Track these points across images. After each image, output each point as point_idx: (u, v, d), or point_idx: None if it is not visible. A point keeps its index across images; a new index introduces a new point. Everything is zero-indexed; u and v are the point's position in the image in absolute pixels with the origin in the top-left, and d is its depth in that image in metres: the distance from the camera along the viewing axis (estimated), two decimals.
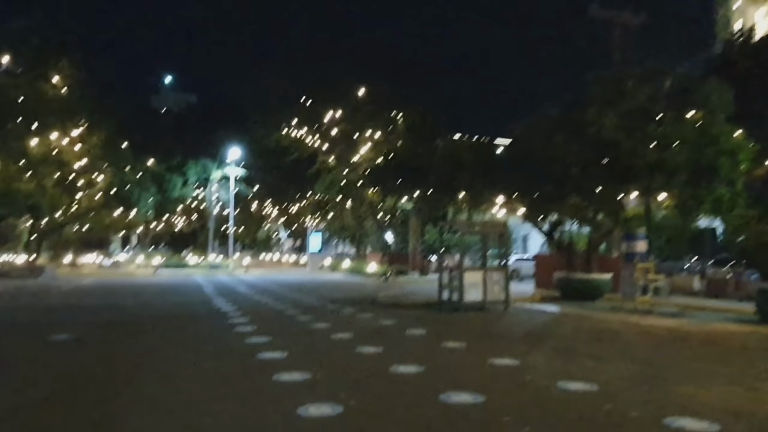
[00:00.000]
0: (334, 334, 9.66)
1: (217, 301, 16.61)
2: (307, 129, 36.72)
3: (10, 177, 26.03)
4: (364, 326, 11.08)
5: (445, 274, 14.24)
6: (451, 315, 12.97)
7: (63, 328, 10.50)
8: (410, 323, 11.34)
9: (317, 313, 13.19)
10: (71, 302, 16.65)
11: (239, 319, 11.89)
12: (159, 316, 12.87)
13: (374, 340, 9.05)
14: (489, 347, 8.61)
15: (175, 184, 37.95)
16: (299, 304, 15.34)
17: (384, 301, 15.85)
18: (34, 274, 29.60)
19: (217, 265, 38.66)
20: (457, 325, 11.34)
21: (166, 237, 70.19)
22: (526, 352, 8.06)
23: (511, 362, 7.29)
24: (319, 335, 9.80)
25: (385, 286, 24.22)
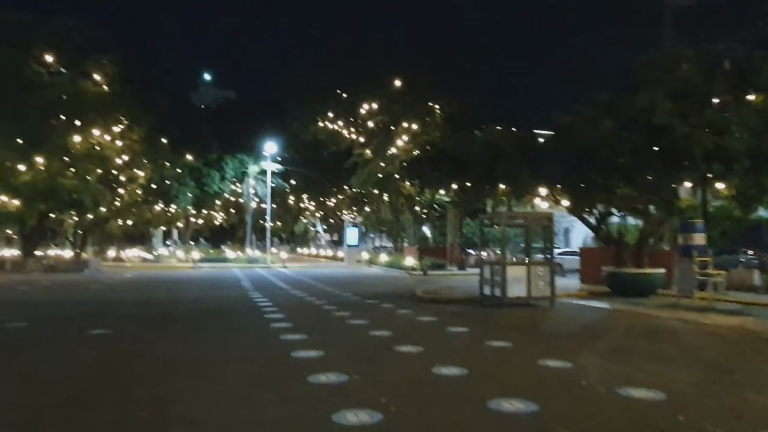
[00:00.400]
0: (372, 332, 9.24)
1: (254, 295, 16.45)
2: (343, 122, 36.48)
3: (54, 173, 26.60)
4: (403, 323, 10.64)
5: (486, 269, 13.65)
6: (493, 311, 12.39)
7: (101, 323, 10.43)
8: (451, 320, 10.84)
9: (355, 308, 12.82)
10: (112, 296, 16.78)
11: (275, 314, 11.62)
12: (195, 311, 12.72)
13: (414, 338, 8.59)
14: (537, 347, 8.03)
15: (213, 179, 38.29)
16: (336, 299, 15.02)
17: (423, 296, 15.36)
18: (80, 268, 30.33)
19: (255, 259, 38.90)
20: (500, 322, 10.77)
21: (206, 232, 71.47)
22: (578, 352, 7.46)
23: (563, 364, 6.71)
24: (357, 333, 9.40)
25: (424, 281, 23.73)
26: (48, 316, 11.96)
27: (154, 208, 38.08)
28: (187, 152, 34.77)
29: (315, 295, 16.54)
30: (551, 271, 13.08)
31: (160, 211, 39.17)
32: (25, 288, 19.59)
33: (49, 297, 16.47)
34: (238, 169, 41.77)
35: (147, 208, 37.82)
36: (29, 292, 17.93)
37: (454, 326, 9.84)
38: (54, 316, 11.98)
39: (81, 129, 27.24)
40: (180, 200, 35.03)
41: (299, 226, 67.67)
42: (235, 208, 50.19)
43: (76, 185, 27.34)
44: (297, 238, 74.72)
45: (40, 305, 14.19)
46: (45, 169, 26.17)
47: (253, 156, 42.34)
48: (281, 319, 10.90)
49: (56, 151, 26.17)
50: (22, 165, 25.96)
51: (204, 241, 70.99)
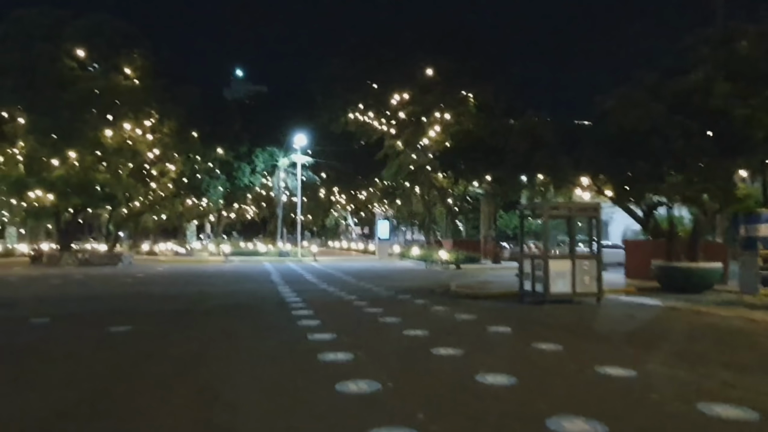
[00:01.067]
0: (406, 331, 8.55)
1: (283, 290, 15.95)
2: (373, 113, 35.78)
3: (86, 167, 26.70)
4: (439, 321, 9.91)
5: (526, 263, 12.80)
6: (535, 308, 11.55)
7: (125, 318, 10.05)
8: (491, 318, 10.06)
9: (387, 304, 12.15)
10: (140, 290, 16.52)
11: (304, 311, 11.03)
12: (220, 307, 12.25)
13: (452, 339, 7.86)
14: (591, 351, 7.21)
15: (244, 172, 38.16)
16: (367, 295, 14.39)
17: (458, 292, 14.60)
18: (113, 262, 30.52)
19: (286, 252, 38.65)
20: (545, 321, 9.94)
21: (238, 225, 71.99)
22: (640, 358, 6.61)
23: (625, 373, 5.89)
24: (390, 332, 8.72)
25: (458, 275, 22.95)
26: (72, 311, 11.64)
27: (186, 202, 38.16)
28: (218, 145, 34.65)
29: (345, 290, 15.95)
30: (598, 266, 12.14)
31: (191, 204, 39.23)
32: (58, 282, 19.58)
33: (78, 291, 16.30)
34: (269, 162, 41.55)
35: (179, 201, 37.93)
36: (60, 286, 17.84)
37: (495, 325, 9.06)
38: (78, 311, 11.65)
39: (113, 123, 27.26)
40: (211, 194, 34.98)
41: (330, 219, 67.43)
42: (266, 201, 50.12)
43: (109, 179, 27.42)
44: (328, 232, 74.58)
45: (67, 300, 13.96)
46: (78, 163, 26.27)
47: (284, 149, 42.07)
48: (310, 316, 10.31)
49: (89, 145, 26.25)
50: (56, 159, 26.11)
51: (236, 234, 71.52)
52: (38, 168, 26.21)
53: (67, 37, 27.61)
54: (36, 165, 26.14)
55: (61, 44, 27.32)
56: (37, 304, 12.88)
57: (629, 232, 38.39)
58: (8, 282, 19.92)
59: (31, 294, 15.51)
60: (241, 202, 45.99)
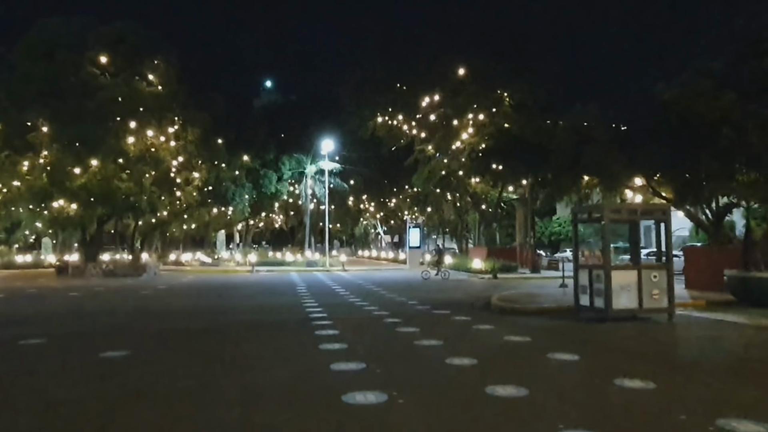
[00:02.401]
0: (449, 359, 7.07)
1: (309, 304, 14.64)
2: (403, 116, 34.45)
3: (109, 176, 26.02)
4: (486, 345, 8.40)
5: (583, 274, 11.18)
6: (597, 328, 9.93)
7: (128, 339, 8.93)
8: (548, 341, 8.51)
9: (423, 322, 10.69)
10: (157, 304, 15.44)
11: (329, 330, 9.66)
12: (237, 324, 10.97)
13: (509, 371, 6.37)
14: (698, 393, 5.62)
15: (270, 180, 37.19)
16: (400, 310, 12.95)
17: (502, 306, 13.03)
18: (138, 273, 29.78)
19: (314, 262, 37.48)
20: (616, 345, 8.34)
21: (267, 234, 71.47)
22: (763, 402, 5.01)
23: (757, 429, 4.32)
24: (430, 361, 7.27)
25: (495, 285, 21.34)
26: (74, 330, 10.52)
27: (212, 211, 37.41)
28: (244, 153, 33.79)
29: (376, 303, 14.54)
30: (669, 277, 10.46)
31: (218, 213, 38.47)
32: (75, 294, 18.71)
33: (91, 305, 15.29)
34: (296, 169, 40.56)
35: (205, 210, 37.18)
36: (75, 300, 16.92)
37: (557, 351, 7.51)
38: (81, 329, 10.52)
39: (136, 130, 26.57)
40: (237, 202, 34.09)
41: (359, 227, 66.25)
42: (294, 210, 49.20)
43: (132, 188, 26.69)
44: (357, 240, 73.43)
45: (76, 315, 12.91)
46: (100, 172, 25.61)
47: (311, 156, 41.02)
48: (335, 337, 8.93)
49: (111, 153, 25.58)
50: (78, 168, 25.50)
51: (265, 244, 70.98)
52: (61, 177, 25.64)
53: (90, 44, 27.12)
54: (59, 174, 25.59)
55: (85, 52, 26.82)
56: (42, 321, 11.84)
57: (677, 239, 36.12)
58: (25, 295, 19.15)
59: (42, 308, 14.55)
60: (268, 211, 45.09)
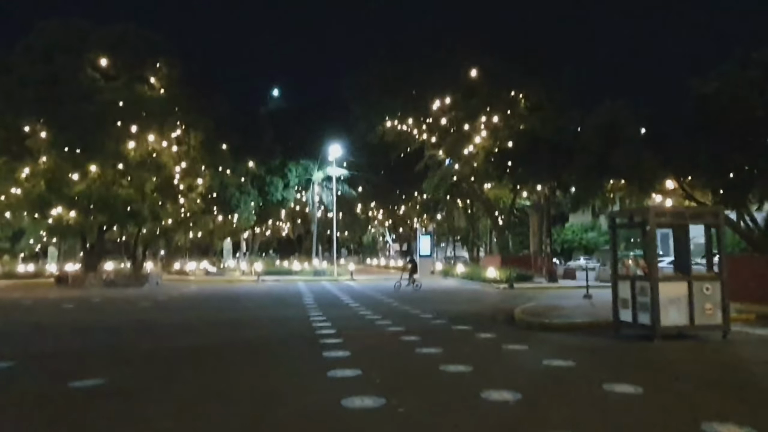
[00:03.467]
0: (485, 391, 5.84)
1: (315, 317, 13.46)
2: (412, 120, 33.33)
3: (108, 182, 25.03)
4: (525, 371, 7.17)
5: (623, 286, 9.94)
6: (646, 348, 8.68)
7: (108, 363, 7.83)
8: (596, 366, 7.29)
9: (444, 340, 9.47)
10: (152, 318, 14.32)
11: (338, 351, 8.46)
12: (236, 343, 9.81)
13: (562, 411, 5.15)
14: None
15: (276, 187, 36.11)
16: (416, 325, 11.74)
17: (529, 321, 11.80)
18: (139, 283, 28.76)
19: (321, 271, 36.34)
20: (679, 371, 7.09)
21: (274, 243, 70.35)
22: None
23: None
24: (460, 392, 6.05)
25: (513, 296, 20.11)
26: (53, 350, 9.38)
27: (217, 219, 36.36)
28: (249, 159, 32.75)
29: (388, 317, 13.34)
30: (724, 289, 9.19)
31: (222, 221, 37.41)
32: (69, 306, 17.64)
33: (82, 320, 14.16)
34: (302, 176, 39.47)
35: (210, 218, 36.15)
36: (67, 313, 15.82)
37: (613, 381, 6.25)
38: (59, 350, 9.38)
39: (136, 135, 25.59)
40: (242, 210, 33.01)
41: (367, 236, 65.10)
42: (301, 217, 48.12)
43: (132, 195, 25.67)
44: (365, 249, 72.24)
45: (61, 332, 11.78)
46: (99, 178, 24.61)
47: (318, 162, 39.96)
48: (346, 360, 7.74)
49: (111, 158, 24.59)
50: (76, 174, 24.52)
51: (273, 252, 69.89)
52: (59, 184, 24.67)
53: (90, 47, 26.24)
54: (57, 180, 24.62)
55: (84, 55, 25.93)
56: (21, 338, 10.73)
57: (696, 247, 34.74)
58: (17, 306, 18.10)
59: (28, 323, 13.46)
60: (274, 218, 44.00)
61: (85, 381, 6.64)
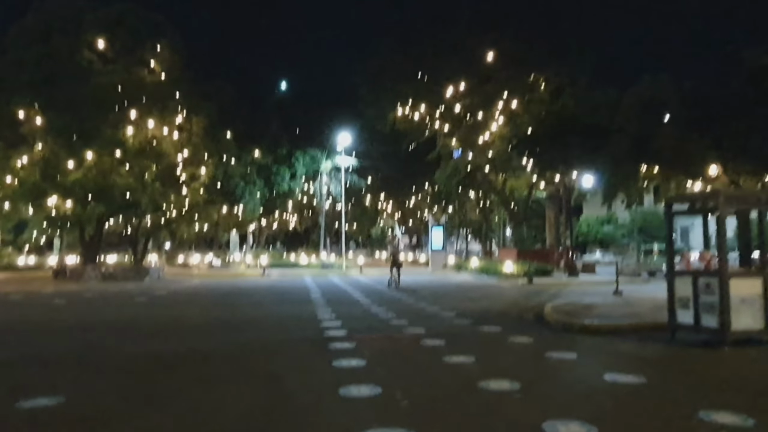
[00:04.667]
0: (548, 421, 4.47)
1: (323, 316, 12.14)
2: (425, 108, 31.87)
3: (106, 170, 23.78)
4: (588, 392, 5.76)
5: (681, 282, 8.51)
6: (721, 357, 7.26)
7: (78, 372, 6.55)
8: (674, 384, 5.89)
9: (473, 345, 8.11)
10: (145, 315, 13.09)
11: (351, 359, 7.11)
12: (232, 348, 8.49)
13: None
14: None
15: (283, 177, 34.76)
16: (437, 325, 10.38)
17: (562, 321, 10.41)
18: (140, 276, 27.58)
19: (329, 264, 35.04)
20: None
21: (281, 236, 69.10)
22: None
23: None
24: (510, 420, 4.67)
25: (535, 292, 18.74)
26: (18, 355, 8.10)
27: (221, 210, 35.08)
28: (254, 147, 31.41)
29: (404, 315, 11.98)
30: None
31: (227, 213, 36.13)
32: (60, 302, 16.44)
33: (68, 318, 12.93)
34: (310, 166, 38.07)
35: (214, 209, 34.87)
36: (55, 310, 14.62)
37: (706, 407, 4.86)
38: (28, 355, 8.10)
39: (135, 121, 24.29)
40: (247, 200, 31.71)
41: (376, 228, 63.68)
42: (308, 209, 46.80)
43: (131, 184, 24.40)
44: (374, 242, 70.84)
45: (37, 332, 10.53)
46: (96, 165, 23.35)
47: (326, 151, 38.55)
48: (361, 372, 6.40)
49: (107, 145, 23.32)
50: (72, 161, 23.27)
51: (280, 245, 68.69)
52: (54, 172, 23.45)
53: (87, 27, 24.93)
54: (51, 168, 23.40)
55: (81, 36, 24.63)
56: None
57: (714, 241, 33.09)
58: (5, 302, 16.92)
59: (5, 321, 12.24)
60: (281, 210, 42.68)
61: (37, 400, 5.34)
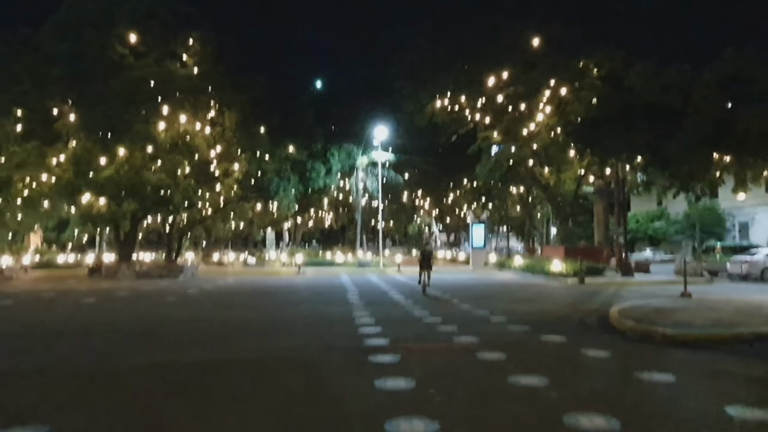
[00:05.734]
0: None
1: (361, 320, 10.99)
2: (465, 99, 30.37)
3: (138, 166, 23.21)
4: (697, 428, 4.41)
5: None
6: None
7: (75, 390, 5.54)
8: None
9: (539, 360, 6.80)
10: (172, 315, 12.23)
11: (398, 377, 5.90)
12: (257, 360, 7.39)
13: None
14: None
15: (318, 173, 33.81)
16: (489, 332, 9.08)
17: (633, 327, 8.98)
18: (173, 274, 27.05)
19: (365, 262, 33.94)
20: None
21: (317, 233, 68.53)
22: None
23: None
24: None
25: (590, 293, 17.23)
26: (19, 364, 7.18)
27: (255, 207, 34.35)
28: (289, 142, 30.49)
29: (451, 320, 10.71)
30: None
31: (262, 209, 35.40)
32: (89, 301, 15.78)
33: (92, 318, 12.13)
34: (346, 161, 36.99)
35: (249, 206, 34.18)
36: (81, 309, 13.90)
37: None
38: (21, 367, 7.16)
39: (167, 116, 23.65)
40: (282, 196, 30.86)
41: (413, 225, 62.37)
42: (345, 206, 45.84)
43: (163, 180, 23.77)
44: (410, 239, 69.58)
45: (54, 335, 9.67)
46: (127, 161, 22.79)
47: (362, 146, 37.42)
48: (409, 397, 5.18)
49: (140, 140, 22.72)
50: (104, 158, 22.77)
51: (316, 243, 68.16)
52: (87, 168, 23.00)
53: (118, 21, 24.42)
54: (84, 165, 22.95)
55: (113, 30, 24.13)
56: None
57: None
58: (35, 300, 16.41)
59: (27, 321, 11.50)
60: (316, 206, 41.80)
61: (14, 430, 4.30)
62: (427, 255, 17.65)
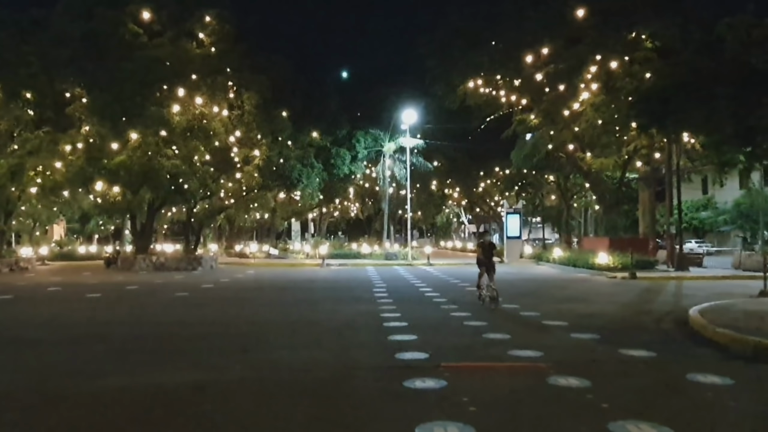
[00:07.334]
0: None
1: (391, 320, 9.32)
2: (500, 79, 28.27)
3: (152, 151, 21.86)
4: None
5: None
6: None
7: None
8: None
9: (619, 385, 4.98)
10: (176, 315, 10.81)
11: (444, 422, 4.13)
12: (261, 377, 5.70)
13: None
14: None
15: (343, 160, 32.11)
16: (549, 343, 7.23)
17: (739, 339, 7.02)
18: (192, 266, 25.80)
19: (393, 254, 32.23)
20: None
21: (342, 224, 67.14)
22: None
23: None
24: None
25: (649, 291, 15.30)
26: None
27: (278, 196, 32.89)
28: (312, 128, 28.88)
29: (500, 326, 8.90)
30: None
31: (285, 199, 33.94)
32: (94, 296, 14.50)
33: (87, 320, 10.66)
34: (372, 147, 35.23)
35: (271, 195, 32.72)
36: (82, 306, 12.57)
37: None
38: None
39: (182, 98, 22.23)
40: (305, 185, 29.28)
41: (442, 216, 60.41)
42: (371, 195, 44.15)
43: (179, 166, 22.39)
44: (438, 230, 67.65)
45: (30, 344, 8.19)
46: (140, 147, 21.44)
47: (390, 131, 35.56)
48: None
49: (153, 124, 21.34)
50: (116, 143, 21.47)
51: (341, 234, 66.84)
52: (99, 155, 21.76)
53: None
54: (96, 151, 21.71)
55: (126, 7, 22.77)
56: None
57: None
58: (39, 294, 15.19)
59: (4, 327, 10.10)
60: (341, 196, 40.17)
61: None
62: (487, 248, 11.87)
